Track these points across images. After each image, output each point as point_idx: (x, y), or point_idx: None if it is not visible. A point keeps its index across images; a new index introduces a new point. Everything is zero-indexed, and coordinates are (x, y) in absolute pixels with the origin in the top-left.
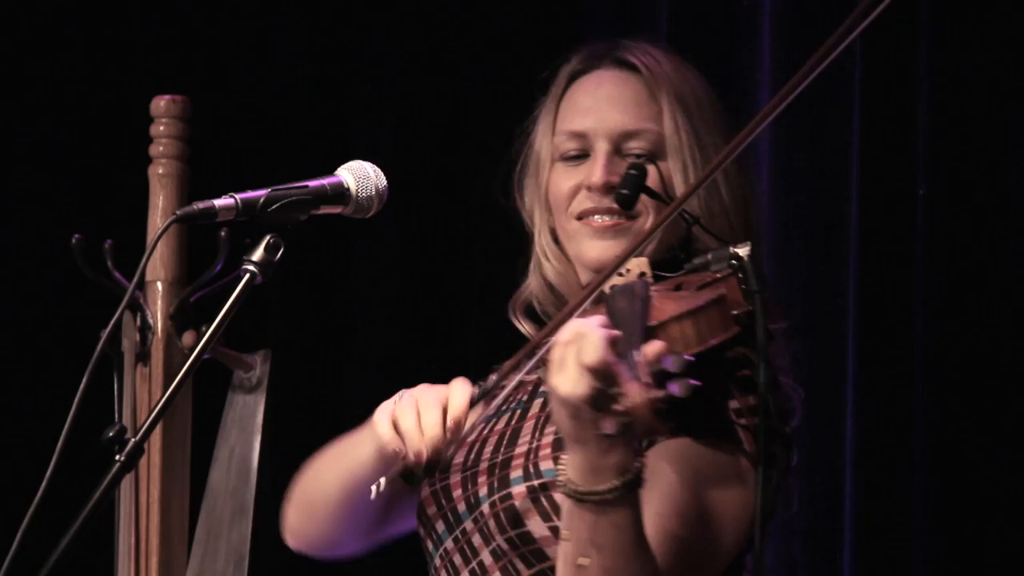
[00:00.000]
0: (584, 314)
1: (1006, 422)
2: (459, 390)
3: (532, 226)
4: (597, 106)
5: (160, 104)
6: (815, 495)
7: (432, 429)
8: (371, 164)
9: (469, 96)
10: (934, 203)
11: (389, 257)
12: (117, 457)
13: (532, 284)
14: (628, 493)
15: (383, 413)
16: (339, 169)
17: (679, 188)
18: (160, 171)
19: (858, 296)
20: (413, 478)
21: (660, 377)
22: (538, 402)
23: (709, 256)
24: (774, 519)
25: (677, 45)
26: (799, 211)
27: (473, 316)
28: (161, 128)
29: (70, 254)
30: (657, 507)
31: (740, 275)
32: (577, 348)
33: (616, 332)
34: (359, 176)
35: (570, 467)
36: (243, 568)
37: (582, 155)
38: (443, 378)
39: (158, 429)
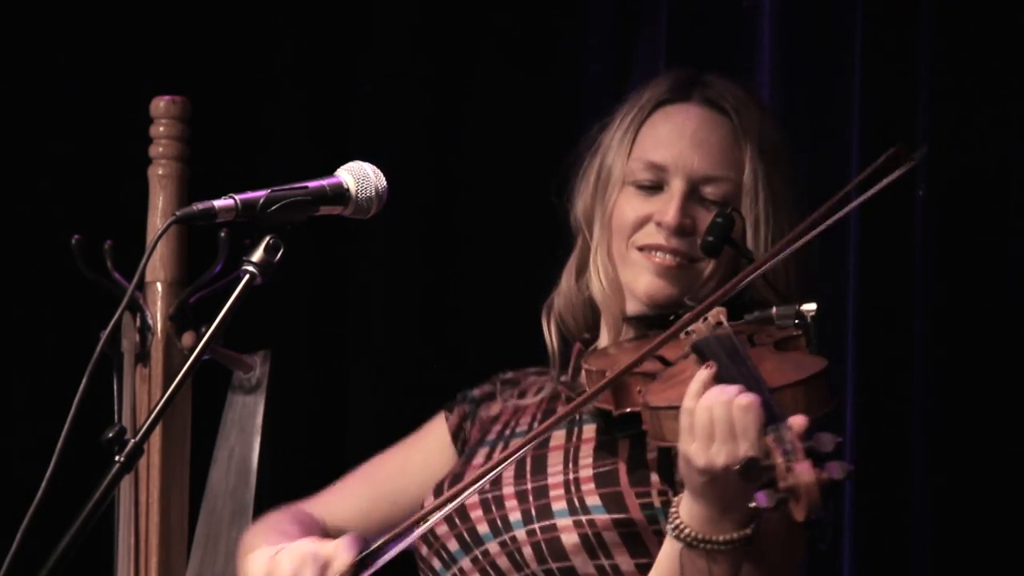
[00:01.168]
0: (660, 355)
1: (1006, 422)
2: (341, 557)
3: (586, 236)
4: (681, 143)
5: (160, 104)
6: None
7: None
8: (371, 165)
9: (469, 96)
10: (934, 204)
11: (389, 258)
12: (117, 458)
13: (565, 290)
14: (742, 548)
15: (260, 559)
16: (339, 170)
17: (749, 239)
18: (160, 172)
19: (858, 296)
20: None
21: (811, 455)
22: (560, 434)
23: (774, 311)
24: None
25: (677, 45)
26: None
27: (473, 316)
28: (161, 129)
29: (70, 254)
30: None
31: (805, 334)
32: (728, 416)
33: (761, 399)
34: (359, 177)
35: (686, 513)
36: None
37: (656, 187)
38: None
39: (158, 430)
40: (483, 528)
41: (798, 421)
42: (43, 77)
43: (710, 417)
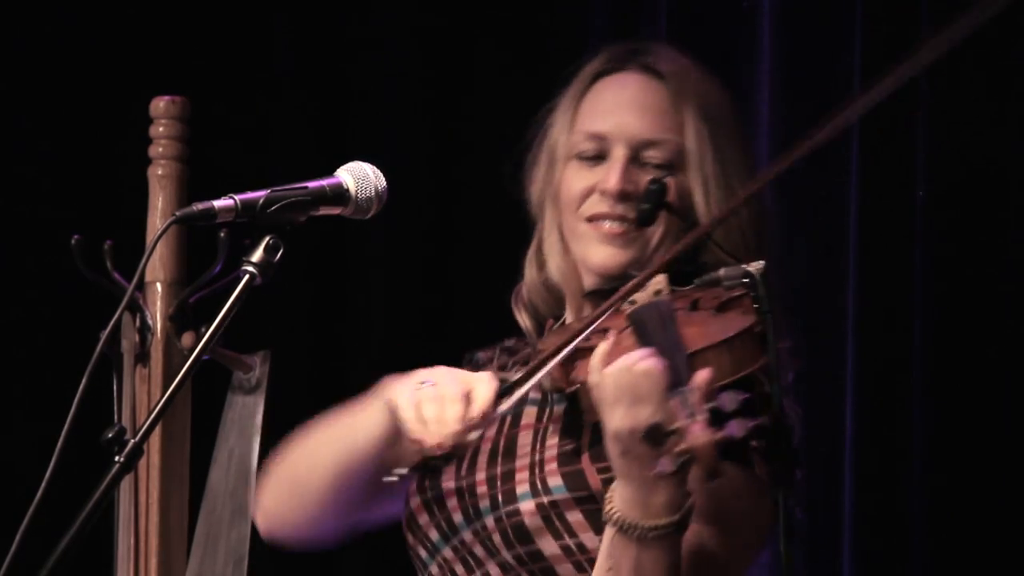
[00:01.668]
0: (605, 326)
1: (1006, 422)
2: (484, 384)
3: (539, 218)
4: (619, 110)
5: (160, 105)
6: (815, 495)
7: (456, 423)
8: (370, 165)
9: (469, 96)
10: (934, 205)
11: (389, 258)
12: (116, 458)
13: (529, 278)
14: (676, 532)
15: (405, 398)
16: (338, 170)
17: (698, 202)
18: (159, 172)
19: (858, 296)
20: (432, 468)
21: (715, 415)
22: (531, 411)
23: (721, 272)
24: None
25: (677, 45)
26: (799, 211)
27: (473, 316)
28: (160, 129)
29: (70, 254)
30: (693, 535)
31: (752, 294)
32: (630, 382)
33: (666, 364)
34: (358, 177)
35: (619, 499)
36: (242, 568)
37: (599, 157)
38: None
39: (157, 430)
40: (458, 517)
41: (701, 379)
42: (43, 77)
43: (614, 384)
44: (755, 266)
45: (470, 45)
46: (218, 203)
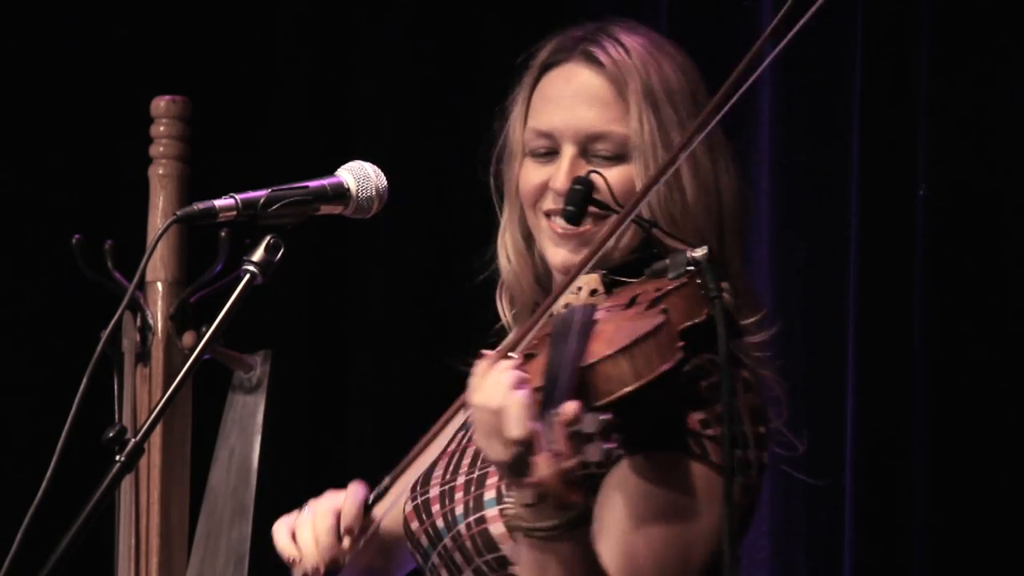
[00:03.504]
0: (545, 332)
1: (1006, 422)
2: (351, 496)
3: (500, 212)
4: (564, 106)
5: (160, 104)
6: (815, 495)
7: (325, 537)
8: (371, 164)
9: (469, 96)
10: (934, 203)
11: (389, 257)
12: (117, 457)
13: (502, 268)
14: (571, 530)
15: (281, 524)
16: (339, 169)
17: (653, 189)
18: (160, 171)
19: (858, 296)
20: None
21: (578, 439)
22: None
23: (668, 261)
24: (748, 531)
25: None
26: (799, 211)
27: (474, 316)
28: (161, 128)
29: (70, 254)
30: (619, 533)
31: (699, 280)
32: (499, 416)
33: (535, 395)
34: (359, 176)
35: (516, 503)
36: (243, 568)
37: (551, 152)
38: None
39: (158, 429)
40: (440, 523)
41: (567, 408)
42: (43, 77)
43: (480, 417)
44: (699, 251)
45: (471, 45)
46: (219, 202)
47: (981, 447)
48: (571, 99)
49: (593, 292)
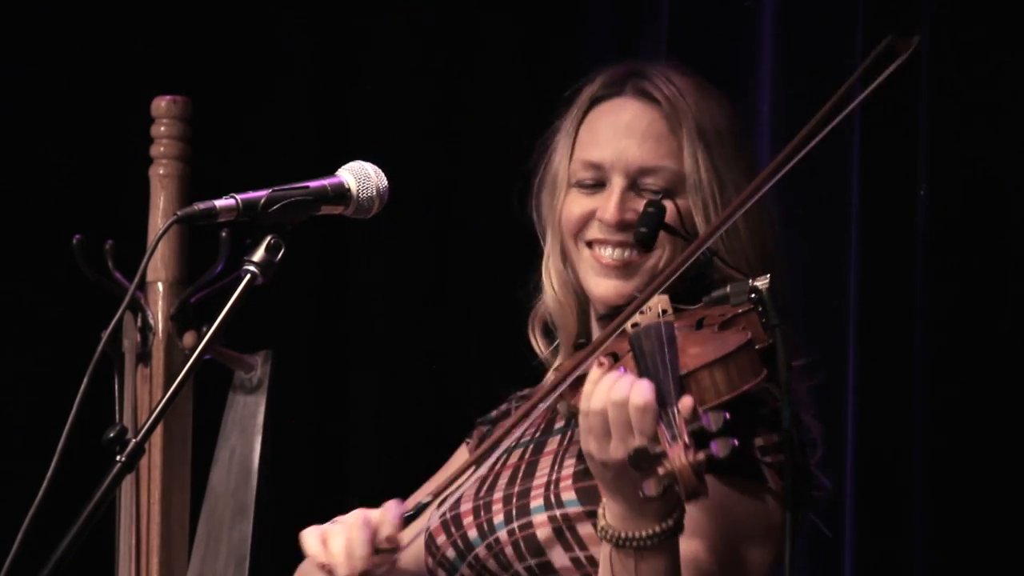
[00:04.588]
0: (612, 351)
1: (1006, 422)
2: (391, 509)
3: (543, 242)
4: (616, 138)
5: (160, 104)
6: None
7: (361, 548)
8: (372, 164)
9: (469, 96)
10: (934, 203)
11: (389, 257)
12: (118, 457)
13: (546, 301)
14: (667, 540)
15: (312, 532)
16: (340, 170)
17: (700, 225)
18: (161, 171)
19: (858, 296)
20: None
21: (699, 436)
22: (555, 440)
23: (728, 289)
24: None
25: (677, 45)
26: (799, 211)
27: (474, 316)
28: (162, 128)
29: (70, 254)
30: (692, 551)
31: (760, 308)
32: (623, 417)
33: (654, 389)
34: (360, 176)
35: (609, 513)
36: (244, 568)
37: (598, 184)
38: (443, 379)
39: (159, 430)
40: (473, 533)
41: (685, 403)
42: (44, 77)
43: (604, 419)
44: (761, 281)
45: (471, 45)
46: (219, 202)
47: (981, 447)
48: (624, 132)
49: (662, 313)
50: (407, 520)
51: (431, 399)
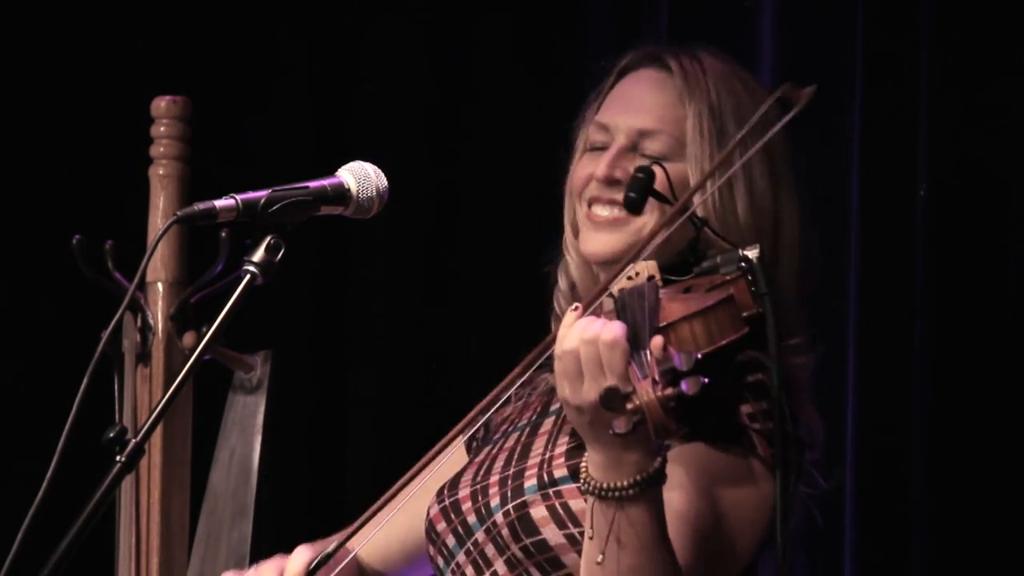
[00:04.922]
0: (597, 315)
1: (1006, 421)
2: (296, 558)
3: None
4: (627, 103)
5: (160, 104)
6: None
7: None
8: (371, 165)
9: (469, 96)
10: (934, 203)
11: (389, 258)
12: (118, 458)
13: (559, 283)
14: (648, 489)
15: None
16: (340, 170)
17: (698, 195)
18: (161, 172)
19: (858, 296)
20: None
21: (671, 375)
22: (549, 420)
23: (718, 259)
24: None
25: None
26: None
27: (474, 316)
28: (162, 129)
29: (70, 254)
30: (676, 508)
31: (749, 277)
32: (594, 354)
33: (625, 328)
34: (360, 177)
35: (590, 465)
36: (244, 568)
37: (606, 146)
38: (442, 378)
39: (159, 430)
40: (472, 518)
41: (656, 342)
42: (44, 77)
43: (576, 359)
44: (751, 250)
45: (471, 44)
46: (219, 203)
47: (981, 447)
48: (635, 97)
49: (650, 278)
50: (312, 571)
51: (431, 399)
